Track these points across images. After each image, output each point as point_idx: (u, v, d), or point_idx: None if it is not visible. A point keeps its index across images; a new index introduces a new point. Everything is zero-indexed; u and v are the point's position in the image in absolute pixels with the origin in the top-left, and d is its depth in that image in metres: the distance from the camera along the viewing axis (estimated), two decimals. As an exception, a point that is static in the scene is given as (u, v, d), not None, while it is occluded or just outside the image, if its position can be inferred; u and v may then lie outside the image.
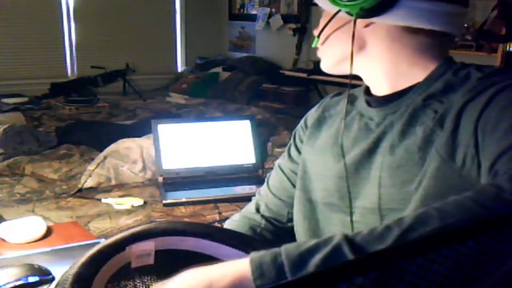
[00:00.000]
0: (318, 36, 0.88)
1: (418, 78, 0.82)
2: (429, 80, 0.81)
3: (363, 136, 0.85)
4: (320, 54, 0.91)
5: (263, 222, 1.01)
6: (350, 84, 0.86)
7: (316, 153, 0.93)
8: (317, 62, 4.98)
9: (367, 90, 0.91)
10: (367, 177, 0.82)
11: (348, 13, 0.80)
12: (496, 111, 0.69)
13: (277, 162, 1.06)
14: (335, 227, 0.86)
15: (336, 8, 0.81)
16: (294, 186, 0.99)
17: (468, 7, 0.83)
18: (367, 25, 0.82)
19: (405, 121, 0.79)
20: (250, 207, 1.06)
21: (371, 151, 0.82)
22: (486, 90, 0.72)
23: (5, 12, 5.12)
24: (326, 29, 0.86)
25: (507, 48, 3.64)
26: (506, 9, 3.55)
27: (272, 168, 1.08)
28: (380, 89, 0.87)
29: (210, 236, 0.75)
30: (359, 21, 0.81)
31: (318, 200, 0.90)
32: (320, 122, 0.97)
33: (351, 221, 0.84)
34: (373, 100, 0.88)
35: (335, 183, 0.87)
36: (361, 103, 0.91)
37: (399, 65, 0.83)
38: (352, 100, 0.93)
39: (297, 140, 1.02)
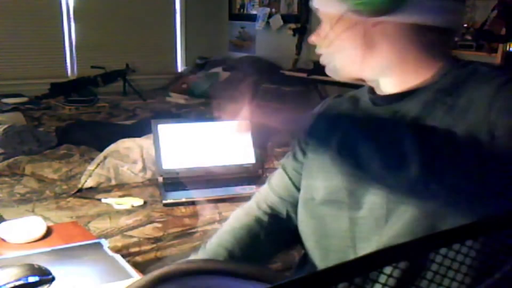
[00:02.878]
0: (321, 41, 0.88)
1: (425, 76, 0.83)
2: (438, 76, 0.82)
3: (372, 134, 0.86)
4: (325, 59, 0.90)
5: (266, 218, 1.01)
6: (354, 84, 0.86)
7: (322, 153, 0.93)
8: (317, 62, 4.98)
9: (370, 90, 0.91)
10: (376, 172, 0.83)
11: (357, 12, 0.80)
12: None
13: (281, 161, 1.06)
14: (342, 224, 0.86)
15: (343, 9, 0.81)
16: (295, 185, 1.00)
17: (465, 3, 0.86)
18: (375, 25, 0.82)
19: (416, 116, 0.80)
20: (251, 203, 1.06)
21: (381, 149, 0.83)
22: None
23: (5, 12, 5.12)
24: (330, 33, 0.85)
25: (507, 48, 3.64)
26: (506, 9, 3.55)
27: (272, 168, 1.09)
28: (386, 87, 0.87)
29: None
30: (367, 20, 0.81)
31: (324, 198, 0.90)
32: (323, 126, 0.97)
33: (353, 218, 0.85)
34: (379, 99, 0.89)
35: (341, 180, 0.87)
36: (365, 103, 0.91)
37: (406, 63, 0.84)
38: (354, 101, 0.94)
39: (301, 140, 1.02)
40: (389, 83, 0.86)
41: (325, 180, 0.91)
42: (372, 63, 0.86)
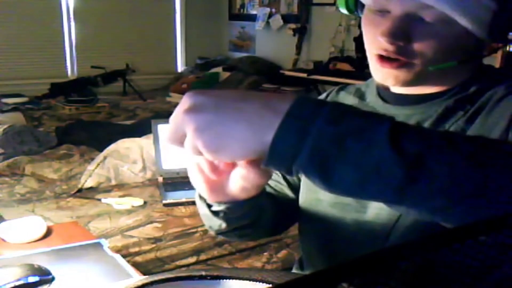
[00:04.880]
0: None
1: (449, 82, 0.79)
2: (464, 85, 0.79)
3: None
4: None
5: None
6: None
7: None
8: (317, 62, 4.99)
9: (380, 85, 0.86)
10: None
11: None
12: None
13: None
14: (348, 227, 0.83)
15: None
16: (286, 182, 0.95)
17: None
18: None
19: (434, 121, 0.77)
20: None
21: None
22: None
23: (5, 12, 5.13)
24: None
25: (507, 48, 3.64)
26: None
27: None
28: (410, 89, 0.82)
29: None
30: None
31: (327, 200, 0.86)
32: None
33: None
34: (391, 97, 0.84)
35: None
36: (373, 99, 0.86)
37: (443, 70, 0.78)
38: (360, 96, 0.89)
39: None
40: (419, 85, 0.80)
41: None
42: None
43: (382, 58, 0.76)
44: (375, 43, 0.77)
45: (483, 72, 0.80)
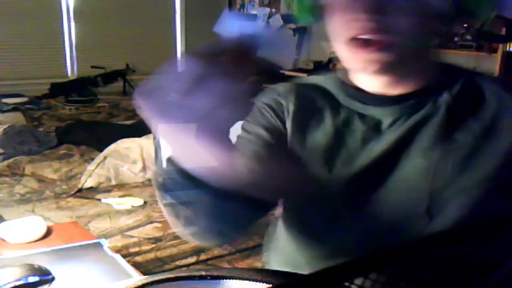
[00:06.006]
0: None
1: (421, 78, 0.77)
2: (435, 84, 0.77)
3: (378, 138, 0.77)
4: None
5: None
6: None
7: (315, 155, 0.81)
8: (317, 62, 4.98)
9: (347, 85, 0.81)
10: (387, 181, 0.76)
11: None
12: None
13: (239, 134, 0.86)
14: (344, 233, 0.80)
15: None
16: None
17: None
18: None
19: (438, 125, 0.75)
20: None
21: (394, 154, 0.76)
22: None
23: (5, 12, 5.12)
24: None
25: (507, 48, 3.64)
26: (506, 9, 3.55)
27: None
28: (385, 88, 0.79)
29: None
30: None
31: (322, 206, 0.82)
32: (303, 115, 0.84)
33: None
34: (370, 98, 0.79)
35: (343, 187, 0.78)
36: (348, 101, 0.81)
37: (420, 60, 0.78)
38: (324, 95, 0.84)
39: (280, 115, 0.85)
40: (386, 82, 0.77)
41: (322, 188, 0.80)
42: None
43: (360, 44, 0.73)
44: (350, 27, 0.73)
45: (451, 69, 0.79)
